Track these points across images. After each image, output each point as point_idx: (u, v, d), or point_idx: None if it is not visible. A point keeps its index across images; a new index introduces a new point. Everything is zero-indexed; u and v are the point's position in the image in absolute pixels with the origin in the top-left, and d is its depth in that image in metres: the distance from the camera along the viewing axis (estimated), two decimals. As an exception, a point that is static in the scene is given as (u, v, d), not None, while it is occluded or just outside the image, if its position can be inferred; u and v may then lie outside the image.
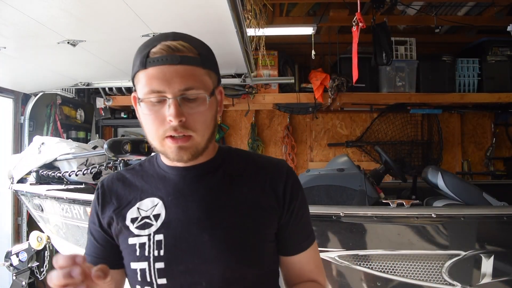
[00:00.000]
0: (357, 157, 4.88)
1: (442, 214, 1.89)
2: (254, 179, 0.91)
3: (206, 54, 0.84)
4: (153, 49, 0.80)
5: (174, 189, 0.89)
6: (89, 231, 0.94)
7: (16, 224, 3.56)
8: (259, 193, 0.89)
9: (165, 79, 0.78)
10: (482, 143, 4.96)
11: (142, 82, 0.81)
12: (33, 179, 2.79)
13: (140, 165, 0.98)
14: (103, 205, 0.92)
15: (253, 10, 2.78)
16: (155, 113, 0.80)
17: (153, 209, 0.88)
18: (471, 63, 4.18)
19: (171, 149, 0.81)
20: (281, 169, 0.93)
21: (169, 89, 0.78)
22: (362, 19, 2.70)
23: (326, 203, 2.35)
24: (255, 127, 4.94)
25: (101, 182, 0.97)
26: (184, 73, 0.79)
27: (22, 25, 1.87)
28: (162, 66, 0.79)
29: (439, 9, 3.83)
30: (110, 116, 4.56)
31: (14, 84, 3.27)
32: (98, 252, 0.91)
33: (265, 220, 0.88)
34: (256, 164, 0.95)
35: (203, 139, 0.83)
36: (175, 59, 0.79)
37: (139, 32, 2.06)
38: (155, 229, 0.85)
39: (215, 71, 0.87)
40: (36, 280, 3.32)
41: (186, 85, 0.79)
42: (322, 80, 4.18)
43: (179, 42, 0.81)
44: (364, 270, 1.92)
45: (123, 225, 0.88)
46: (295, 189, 0.92)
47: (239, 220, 0.86)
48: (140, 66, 0.81)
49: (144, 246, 0.85)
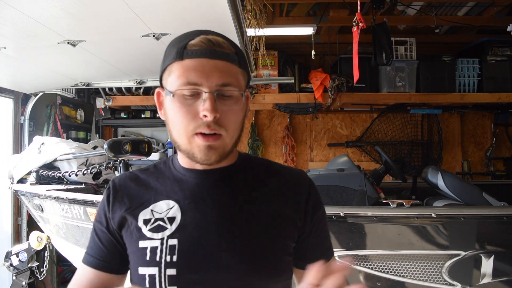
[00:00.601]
0: (357, 157, 4.88)
1: (442, 214, 1.90)
2: (275, 188, 0.87)
3: (241, 54, 0.82)
4: (192, 41, 0.77)
5: (191, 193, 0.84)
6: (94, 231, 0.89)
7: (16, 224, 3.56)
8: (281, 203, 0.85)
9: (204, 72, 0.75)
10: (482, 143, 4.96)
11: (176, 73, 0.77)
12: (33, 179, 2.79)
13: (154, 166, 0.93)
14: (114, 204, 0.86)
15: (253, 10, 2.78)
16: (187, 106, 0.76)
17: (168, 212, 0.82)
18: (471, 63, 4.17)
19: (199, 148, 0.77)
20: (303, 181, 0.90)
21: (206, 83, 0.75)
22: (362, 19, 2.70)
23: (326, 203, 2.33)
24: (255, 127, 4.94)
25: (112, 181, 0.91)
26: (223, 68, 0.76)
27: (22, 25, 1.86)
28: (201, 59, 0.76)
29: (439, 9, 3.83)
30: (110, 116, 4.56)
31: (14, 84, 3.27)
32: (102, 255, 0.86)
33: (286, 231, 0.85)
34: (277, 174, 0.91)
35: (232, 140, 0.80)
36: (215, 53, 0.76)
37: (139, 32, 2.06)
38: (169, 233, 0.80)
39: (248, 73, 0.85)
40: (36, 280, 3.32)
41: (224, 81, 0.76)
42: (322, 80, 4.18)
43: (219, 38, 0.79)
44: (364, 270, 1.92)
45: (135, 226, 0.83)
46: (317, 202, 0.90)
47: (260, 229, 0.82)
48: (177, 56, 0.77)
49: (156, 251, 0.79)
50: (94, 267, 0.86)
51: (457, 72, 4.17)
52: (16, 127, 3.61)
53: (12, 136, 3.57)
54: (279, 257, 0.83)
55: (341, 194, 2.40)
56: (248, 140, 4.90)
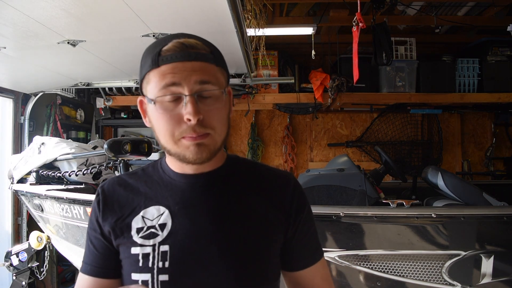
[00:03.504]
0: (357, 157, 4.89)
1: (442, 214, 1.89)
2: (262, 191, 0.88)
3: (217, 52, 0.83)
4: (165, 47, 0.77)
5: (182, 198, 0.84)
6: (88, 239, 0.89)
7: (16, 224, 3.56)
8: (267, 206, 0.86)
9: (181, 75, 0.75)
10: (482, 143, 4.96)
11: (154, 80, 0.77)
12: (33, 179, 2.79)
13: (142, 170, 0.93)
14: (104, 212, 0.87)
15: (253, 10, 2.78)
16: (169, 112, 0.76)
17: (159, 218, 0.83)
18: (471, 63, 4.18)
19: (189, 148, 0.77)
20: (288, 182, 0.90)
21: (185, 86, 0.75)
22: (362, 19, 2.70)
23: (326, 203, 2.35)
24: (255, 127, 4.94)
25: (101, 187, 0.91)
26: (200, 69, 0.76)
27: (22, 25, 1.86)
28: (176, 63, 0.76)
29: (439, 9, 3.83)
30: (110, 116, 4.56)
31: (14, 84, 3.27)
32: (98, 261, 0.87)
33: (273, 233, 0.86)
34: (264, 176, 0.91)
35: (220, 138, 0.80)
36: (189, 55, 0.76)
37: (139, 32, 2.06)
38: (160, 240, 0.81)
39: (226, 70, 0.85)
40: (36, 280, 3.32)
41: (203, 81, 0.76)
42: (322, 80, 4.18)
43: (192, 40, 0.79)
44: (364, 270, 1.92)
45: (127, 235, 0.83)
46: (301, 203, 0.89)
47: (249, 233, 0.83)
48: (153, 64, 0.77)
49: (148, 257, 0.80)
50: (93, 275, 0.87)
51: (457, 72, 4.17)
52: (16, 127, 3.60)
53: (12, 136, 3.57)
54: (268, 262, 0.85)
55: (341, 194, 2.39)
56: (248, 140, 4.90)
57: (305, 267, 0.90)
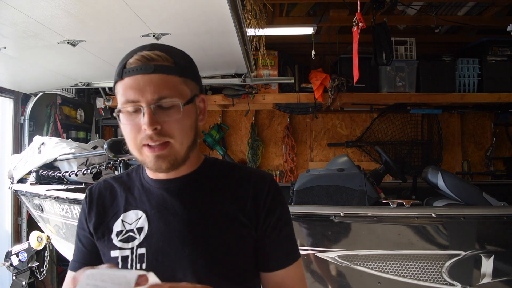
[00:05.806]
0: (357, 157, 4.89)
1: (442, 214, 1.90)
2: (236, 193, 0.90)
3: (183, 63, 0.85)
4: (130, 60, 0.82)
5: (157, 202, 0.89)
6: (77, 238, 0.95)
7: (16, 224, 3.56)
8: (241, 207, 0.89)
9: (138, 88, 0.80)
10: (482, 143, 4.96)
11: (120, 92, 0.82)
12: (33, 179, 2.79)
13: (127, 174, 0.99)
14: (90, 213, 0.93)
15: (253, 10, 2.78)
16: (131, 121, 0.81)
17: (137, 222, 0.88)
18: (471, 63, 4.17)
19: (149, 158, 0.82)
20: (263, 184, 0.92)
21: (142, 98, 0.79)
22: (362, 19, 2.70)
23: (326, 203, 2.35)
24: (255, 127, 4.94)
25: (89, 189, 0.98)
26: (157, 81, 0.80)
27: (22, 25, 1.86)
28: (136, 76, 0.80)
29: (439, 9, 3.83)
30: (110, 116, 4.55)
31: (14, 84, 3.27)
32: (86, 258, 0.92)
33: (245, 234, 0.88)
34: (240, 178, 0.93)
35: (183, 147, 0.84)
36: (148, 68, 0.80)
37: (139, 32, 2.06)
38: (138, 243, 0.86)
39: (194, 79, 0.87)
40: (36, 280, 3.32)
41: (159, 94, 0.80)
42: (322, 80, 4.18)
43: (154, 52, 0.83)
44: (364, 270, 1.92)
45: (108, 238, 0.89)
46: (274, 203, 0.91)
47: (220, 235, 0.86)
48: (117, 77, 0.83)
49: (127, 260, 0.86)
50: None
51: (457, 72, 4.17)
52: (16, 127, 3.61)
53: (12, 136, 3.57)
54: (239, 261, 0.88)
55: (341, 194, 2.39)
56: (248, 140, 4.90)
57: (278, 269, 0.91)
